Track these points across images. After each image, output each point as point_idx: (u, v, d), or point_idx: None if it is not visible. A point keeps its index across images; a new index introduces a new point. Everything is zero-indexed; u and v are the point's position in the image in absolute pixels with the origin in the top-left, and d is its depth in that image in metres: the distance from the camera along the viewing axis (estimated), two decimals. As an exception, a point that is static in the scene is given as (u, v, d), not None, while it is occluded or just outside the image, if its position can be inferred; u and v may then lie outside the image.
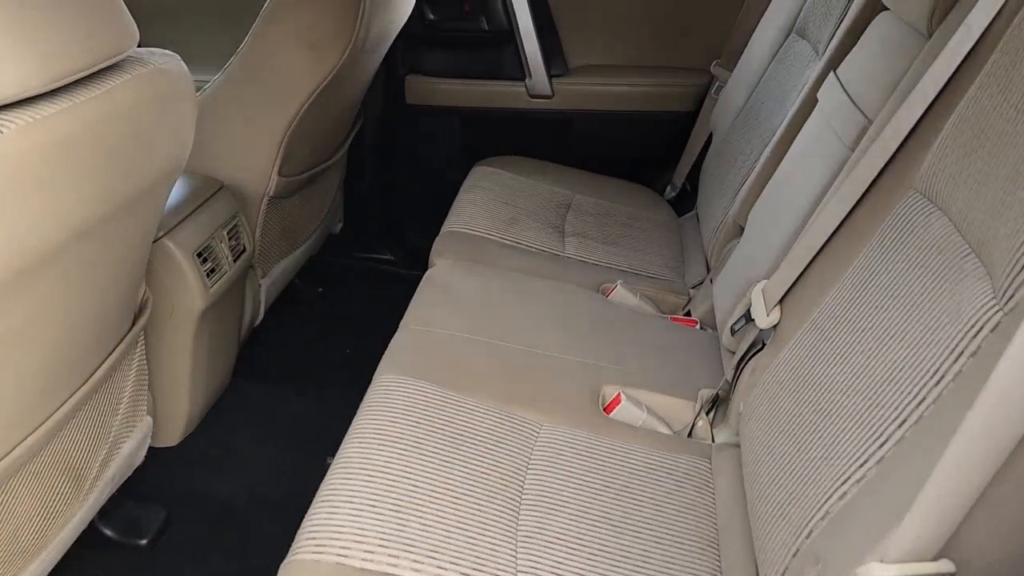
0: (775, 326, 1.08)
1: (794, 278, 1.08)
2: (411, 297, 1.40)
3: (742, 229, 1.45)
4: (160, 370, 1.38)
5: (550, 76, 2.02)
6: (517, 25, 1.97)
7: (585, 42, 2.04)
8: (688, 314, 1.52)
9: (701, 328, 1.46)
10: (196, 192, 1.43)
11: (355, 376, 1.26)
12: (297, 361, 1.83)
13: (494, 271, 1.51)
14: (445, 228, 1.67)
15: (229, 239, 1.45)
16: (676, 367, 1.30)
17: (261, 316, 1.71)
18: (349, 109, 1.79)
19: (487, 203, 1.73)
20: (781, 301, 1.09)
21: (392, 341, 1.27)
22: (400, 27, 1.77)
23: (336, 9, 1.44)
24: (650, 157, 2.13)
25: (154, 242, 1.23)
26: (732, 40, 1.87)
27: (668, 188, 2.04)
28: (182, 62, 1.00)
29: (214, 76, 1.53)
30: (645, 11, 1.99)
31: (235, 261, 1.47)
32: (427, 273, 1.51)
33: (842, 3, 1.42)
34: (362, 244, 2.23)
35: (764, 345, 1.09)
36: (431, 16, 2.01)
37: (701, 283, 1.57)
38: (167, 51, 0.99)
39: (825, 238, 1.04)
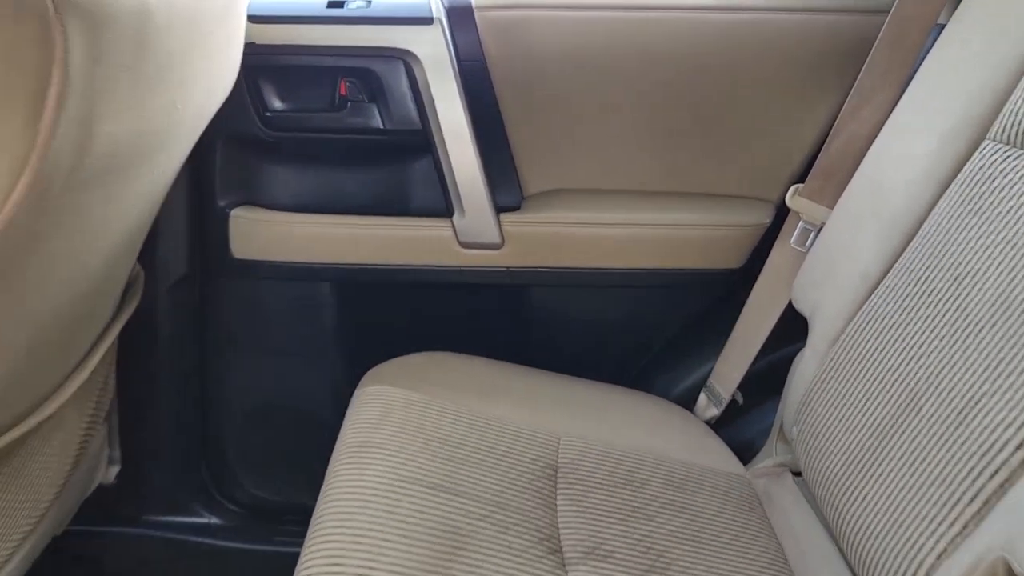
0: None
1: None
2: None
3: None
4: None
5: (496, 211, 1.14)
6: (438, 122, 1.08)
7: (555, 153, 1.16)
8: None
9: None
10: None
11: None
12: None
13: None
14: (300, 572, 0.72)
15: None
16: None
17: None
18: (83, 300, 0.83)
19: (384, 478, 0.81)
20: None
21: None
22: (201, 122, 0.85)
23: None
24: (668, 347, 1.26)
25: None
26: (826, 156, 1.04)
27: (703, 399, 1.18)
28: None
29: None
30: (658, 100, 1.12)
31: None
32: None
33: None
34: (157, 499, 1.25)
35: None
36: (276, 105, 1.10)
37: None
38: None
39: None
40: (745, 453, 1.08)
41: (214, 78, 0.79)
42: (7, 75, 0.50)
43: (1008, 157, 0.79)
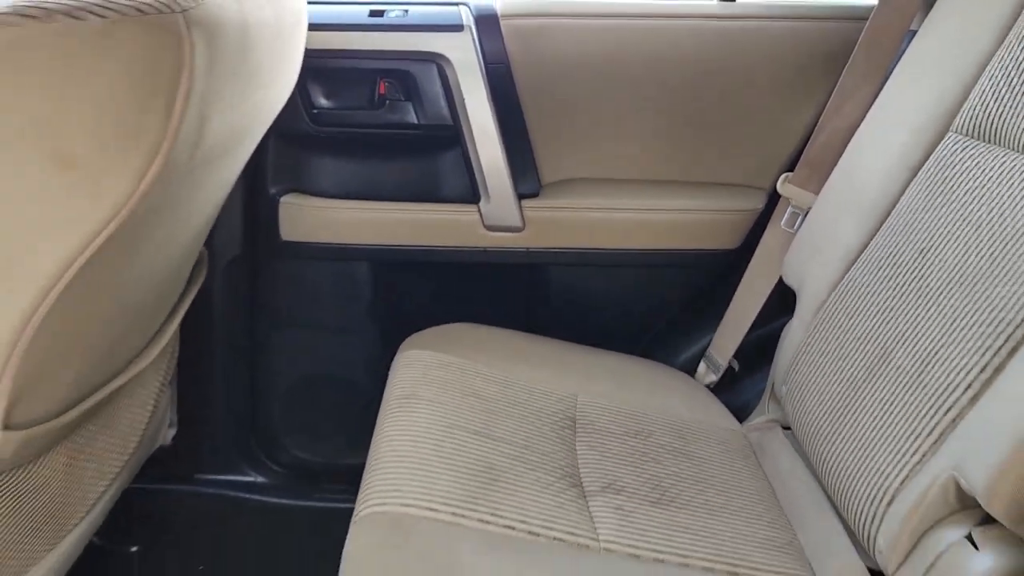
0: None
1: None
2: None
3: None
4: None
5: (518, 197, 1.27)
6: (467, 118, 1.21)
7: (570, 146, 1.29)
8: None
9: None
10: None
11: None
12: None
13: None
14: (363, 500, 0.85)
15: None
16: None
17: None
18: (171, 271, 0.97)
19: (429, 424, 0.94)
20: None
21: None
22: (270, 119, 0.98)
23: (124, 86, 0.64)
24: (672, 320, 1.39)
25: None
26: (813, 147, 1.17)
27: (703, 366, 1.31)
28: None
29: None
30: (662, 98, 1.26)
31: None
32: None
33: None
34: (209, 460, 1.38)
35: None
36: (322, 103, 1.23)
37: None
38: None
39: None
40: (740, 413, 1.20)
41: (283, 81, 0.92)
42: (150, 76, 0.63)
43: (967, 147, 0.91)
